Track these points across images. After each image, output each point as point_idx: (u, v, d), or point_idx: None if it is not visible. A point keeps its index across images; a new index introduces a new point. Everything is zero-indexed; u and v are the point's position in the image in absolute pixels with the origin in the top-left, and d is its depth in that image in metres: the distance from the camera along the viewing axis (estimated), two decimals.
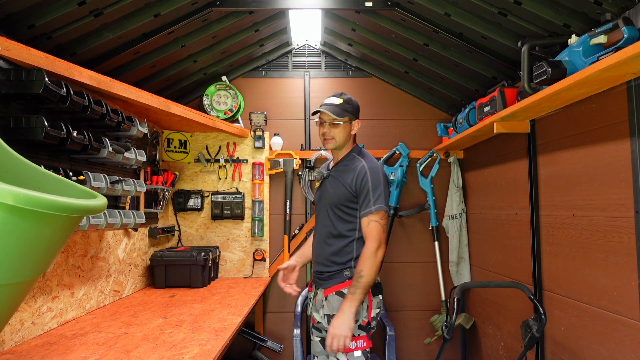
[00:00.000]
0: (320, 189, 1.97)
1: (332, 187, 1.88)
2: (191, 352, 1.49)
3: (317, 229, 1.96)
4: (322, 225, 1.92)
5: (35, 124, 1.52)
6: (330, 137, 1.90)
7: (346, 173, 1.87)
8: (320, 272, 1.89)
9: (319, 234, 1.93)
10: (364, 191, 1.82)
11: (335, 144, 1.91)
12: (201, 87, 3.27)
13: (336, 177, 1.90)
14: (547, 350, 2.17)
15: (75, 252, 1.94)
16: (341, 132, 1.89)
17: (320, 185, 1.98)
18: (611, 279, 1.69)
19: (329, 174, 1.94)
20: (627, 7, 1.64)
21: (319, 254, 1.91)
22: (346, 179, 1.85)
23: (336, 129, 1.89)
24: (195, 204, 3.10)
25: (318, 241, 1.93)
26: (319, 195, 1.98)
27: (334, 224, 1.86)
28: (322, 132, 1.91)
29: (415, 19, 2.32)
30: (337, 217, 1.86)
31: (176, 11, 2.20)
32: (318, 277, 1.90)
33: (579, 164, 1.89)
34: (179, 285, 2.67)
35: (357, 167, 1.85)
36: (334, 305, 1.80)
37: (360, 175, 1.83)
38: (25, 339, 1.62)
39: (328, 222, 1.88)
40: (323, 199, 1.93)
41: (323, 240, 1.89)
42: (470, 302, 3.20)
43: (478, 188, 3.06)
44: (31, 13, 1.74)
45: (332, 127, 1.88)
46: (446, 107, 3.35)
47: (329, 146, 1.91)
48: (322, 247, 1.89)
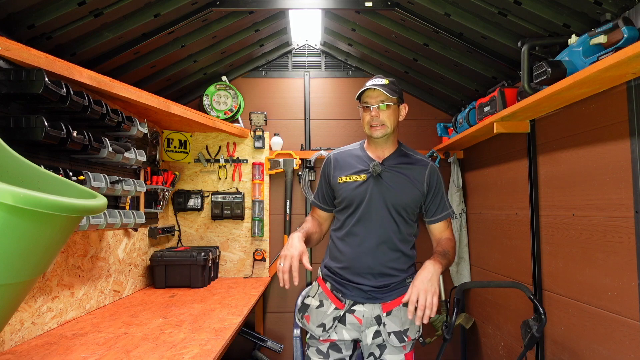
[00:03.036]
0: (371, 185, 1.65)
1: (397, 185, 1.64)
2: (191, 352, 1.49)
3: (365, 232, 1.65)
4: (376, 228, 1.64)
5: (35, 124, 1.52)
6: (380, 123, 1.63)
7: (413, 171, 1.67)
8: (379, 285, 1.62)
9: (370, 239, 1.64)
10: (439, 193, 1.69)
11: (386, 131, 1.64)
12: (201, 87, 3.27)
13: (402, 174, 1.66)
14: (547, 350, 2.17)
15: (75, 252, 1.94)
16: (392, 115, 1.64)
17: (366, 179, 1.66)
18: (611, 279, 1.69)
19: (385, 168, 1.66)
20: (627, 7, 1.64)
21: (374, 262, 1.63)
22: (416, 178, 1.66)
23: (387, 112, 1.63)
24: (195, 204, 3.10)
25: (370, 247, 1.64)
26: (365, 191, 1.65)
27: (399, 227, 1.64)
28: (368, 119, 1.64)
29: (415, 19, 2.32)
30: (403, 219, 1.65)
31: (176, 11, 2.20)
32: (372, 291, 1.63)
33: (579, 164, 1.89)
34: (179, 285, 2.67)
35: (426, 166, 1.69)
36: (404, 319, 1.62)
37: (433, 175, 1.68)
38: (25, 339, 1.62)
39: (390, 225, 1.63)
40: (378, 197, 1.64)
41: (381, 245, 1.63)
42: (470, 302, 3.20)
43: (478, 188, 3.06)
44: (31, 13, 1.74)
45: (382, 110, 1.63)
46: (446, 107, 3.35)
47: (378, 134, 1.64)
48: (382, 254, 1.63)
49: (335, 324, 1.65)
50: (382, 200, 1.63)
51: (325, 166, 1.80)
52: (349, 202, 1.67)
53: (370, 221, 1.64)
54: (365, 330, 1.64)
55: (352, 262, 1.65)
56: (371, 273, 1.63)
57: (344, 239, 1.69)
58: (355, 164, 1.71)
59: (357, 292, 1.64)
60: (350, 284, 1.65)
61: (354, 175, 1.69)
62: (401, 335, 1.62)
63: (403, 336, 1.62)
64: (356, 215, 1.66)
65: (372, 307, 1.64)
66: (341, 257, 1.68)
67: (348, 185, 1.68)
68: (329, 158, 1.80)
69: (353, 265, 1.65)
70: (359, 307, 1.65)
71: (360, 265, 1.64)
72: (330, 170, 1.76)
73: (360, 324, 1.64)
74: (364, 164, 1.69)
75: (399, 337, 1.62)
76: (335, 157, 1.79)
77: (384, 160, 1.69)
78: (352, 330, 1.65)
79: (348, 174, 1.70)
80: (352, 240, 1.67)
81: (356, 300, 1.65)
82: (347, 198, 1.67)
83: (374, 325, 1.64)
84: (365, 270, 1.63)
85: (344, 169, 1.72)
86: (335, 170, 1.74)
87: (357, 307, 1.65)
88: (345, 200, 1.68)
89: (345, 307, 1.65)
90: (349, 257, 1.66)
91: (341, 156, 1.78)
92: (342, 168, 1.73)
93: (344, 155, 1.78)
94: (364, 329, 1.65)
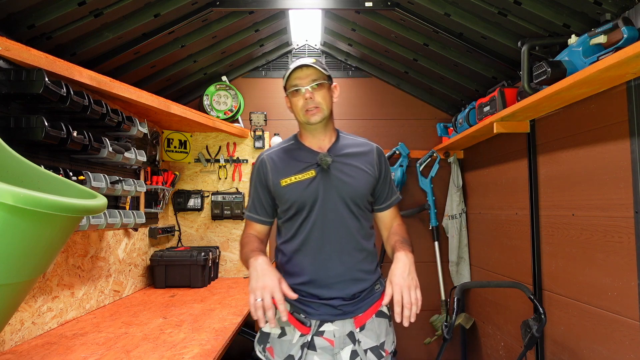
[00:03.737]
0: (322, 180, 1.43)
1: (350, 175, 1.44)
2: (191, 352, 1.49)
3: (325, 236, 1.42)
4: (337, 229, 1.42)
5: (35, 124, 1.52)
6: (315, 106, 1.41)
7: (363, 156, 1.49)
8: (351, 295, 1.41)
9: (333, 242, 1.42)
10: (387, 176, 1.52)
11: (323, 114, 1.43)
12: (201, 87, 3.27)
13: (352, 162, 1.47)
14: (547, 350, 2.17)
15: (75, 252, 1.94)
16: (327, 95, 1.44)
17: (315, 175, 1.43)
18: (611, 279, 1.69)
19: (334, 158, 1.45)
20: (627, 7, 1.64)
21: (342, 268, 1.41)
22: (368, 163, 1.48)
23: (321, 92, 1.42)
24: (195, 204, 3.10)
25: (334, 252, 1.41)
26: (316, 189, 1.42)
27: (360, 221, 1.45)
28: (302, 103, 1.42)
29: (415, 19, 2.32)
30: (362, 212, 1.46)
31: (176, 11, 2.20)
32: (343, 305, 1.41)
33: (579, 164, 1.89)
34: (179, 285, 2.67)
35: (371, 149, 1.52)
36: (379, 332, 1.43)
37: (381, 157, 1.52)
38: (25, 339, 1.62)
39: (351, 222, 1.43)
40: (332, 192, 1.42)
41: (346, 246, 1.43)
42: (470, 302, 3.20)
43: (478, 188, 3.06)
44: (31, 13, 1.74)
45: (315, 90, 1.41)
46: (446, 107, 3.35)
47: (317, 118, 1.42)
48: (349, 257, 1.42)
49: (304, 353, 1.40)
50: (338, 195, 1.42)
51: (259, 170, 1.52)
52: (301, 206, 1.43)
53: (329, 222, 1.42)
54: (340, 352, 1.42)
55: (315, 273, 1.41)
56: (342, 281, 1.41)
57: (300, 249, 1.44)
58: (297, 160, 1.47)
59: (326, 309, 1.41)
60: (315, 302, 1.41)
61: (299, 174, 1.44)
62: (378, 350, 1.43)
63: (380, 351, 1.43)
64: (311, 219, 1.42)
65: (343, 323, 1.42)
66: (300, 272, 1.43)
67: (296, 186, 1.43)
68: (261, 160, 1.53)
69: (317, 277, 1.41)
70: (329, 327, 1.41)
71: (326, 275, 1.41)
72: (267, 174, 1.49)
73: (332, 346, 1.41)
74: (309, 158, 1.46)
75: (376, 353, 1.42)
76: (269, 157, 1.52)
77: (329, 150, 1.48)
78: (325, 354, 1.41)
79: (292, 173, 1.45)
80: (311, 249, 1.42)
81: (324, 319, 1.41)
82: (298, 202, 1.43)
83: (349, 344, 1.42)
84: (333, 279, 1.41)
85: (285, 170, 1.46)
86: (274, 172, 1.48)
87: (326, 327, 1.41)
88: (296, 204, 1.43)
89: (313, 330, 1.41)
90: (310, 269, 1.42)
91: (277, 155, 1.52)
92: (282, 169, 1.47)
93: (280, 154, 1.52)
94: (337, 350, 1.42)
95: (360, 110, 3.40)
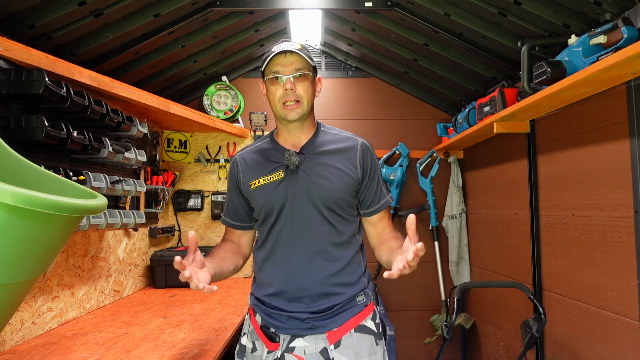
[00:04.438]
0: (290, 182, 1.29)
1: (323, 175, 1.28)
2: (191, 352, 1.49)
3: (292, 245, 1.29)
4: (306, 236, 1.28)
5: (35, 124, 1.52)
6: (296, 99, 1.26)
7: (341, 153, 1.32)
8: (319, 310, 1.26)
9: (300, 252, 1.28)
10: (375, 176, 1.35)
11: (303, 111, 1.28)
12: (201, 87, 3.27)
13: (327, 160, 1.31)
14: (547, 350, 2.17)
15: (75, 252, 1.95)
16: (309, 89, 1.29)
17: (283, 176, 1.30)
18: (611, 279, 1.69)
19: (305, 157, 1.30)
20: (626, 7, 1.64)
21: (309, 281, 1.27)
22: (347, 160, 1.31)
23: (304, 85, 1.27)
24: (195, 204, 3.10)
25: (301, 263, 1.27)
26: (285, 192, 1.29)
27: (336, 227, 1.29)
28: (280, 94, 1.26)
29: (415, 19, 2.32)
30: (339, 217, 1.30)
31: (176, 11, 2.20)
32: (311, 319, 1.26)
33: (579, 164, 1.89)
34: (179, 285, 2.67)
35: (354, 145, 1.34)
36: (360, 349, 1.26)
37: (366, 154, 1.34)
38: (25, 339, 1.62)
39: (323, 228, 1.28)
40: (301, 195, 1.28)
41: (315, 257, 1.27)
42: (470, 302, 3.20)
43: (478, 188, 3.06)
44: (31, 13, 1.74)
45: (298, 81, 1.26)
46: (446, 107, 3.35)
47: (295, 115, 1.27)
48: (317, 269, 1.27)
49: None
50: (308, 198, 1.27)
51: (231, 171, 1.41)
52: (269, 211, 1.30)
53: (297, 228, 1.28)
54: None
55: (282, 285, 1.29)
56: (308, 296, 1.26)
57: (268, 258, 1.33)
58: (267, 161, 1.34)
59: (293, 322, 1.27)
60: (283, 314, 1.28)
61: (268, 175, 1.31)
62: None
63: None
64: (278, 225, 1.30)
65: (315, 339, 1.26)
66: (269, 282, 1.32)
67: (263, 189, 1.31)
68: (234, 161, 1.42)
69: (284, 289, 1.28)
70: (299, 342, 1.26)
71: (293, 288, 1.27)
72: (239, 175, 1.37)
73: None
74: (278, 158, 1.32)
75: None
76: (241, 157, 1.40)
77: (302, 148, 1.33)
78: None
79: (262, 175, 1.32)
80: (278, 258, 1.30)
81: (294, 333, 1.27)
82: (265, 206, 1.30)
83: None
84: (299, 292, 1.27)
85: (255, 171, 1.34)
86: (244, 174, 1.36)
87: (296, 343, 1.27)
88: (264, 208, 1.31)
89: (282, 346, 1.27)
90: (277, 280, 1.29)
91: (249, 155, 1.39)
92: (252, 170, 1.35)
93: (252, 154, 1.39)
94: None
95: (360, 110, 3.40)
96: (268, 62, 1.27)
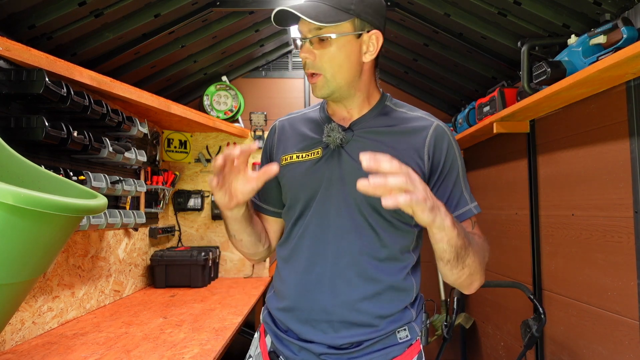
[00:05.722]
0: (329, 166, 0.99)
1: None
2: (191, 352, 1.50)
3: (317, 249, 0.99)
4: (337, 241, 0.97)
5: (35, 124, 1.52)
6: (313, 72, 0.97)
7: (404, 136, 0.99)
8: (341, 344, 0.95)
9: (326, 260, 0.98)
10: (452, 174, 0.98)
11: (329, 88, 0.98)
12: (201, 87, 3.27)
13: (382, 143, 0.98)
14: (547, 350, 2.17)
15: (75, 252, 1.95)
16: (338, 56, 0.95)
17: (320, 156, 1.00)
18: (611, 278, 1.69)
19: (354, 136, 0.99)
20: (626, 8, 1.64)
21: (332, 302, 0.96)
22: (410, 147, 0.97)
23: (327, 51, 0.95)
24: (195, 204, 3.10)
25: (325, 274, 0.97)
26: (320, 177, 0.99)
27: (380, 236, 0.97)
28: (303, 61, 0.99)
29: (415, 19, 2.32)
30: (387, 223, 0.97)
31: (176, 11, 2.20)
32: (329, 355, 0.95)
33: (579, 164, 1.89)
34: (179, 285, 2.67)
35: (427, 127, 0.99)
36: None
37: (441, 141, 0.98)
38: (25, 339, 1.62)
39: (362, 233, 0.97)
40: (340, 186, 0.98)
41: (347, 270, 0.96)
42: (470, 302, 3.20)
43: (478, 188, 3.06)
44: (32, 13, 1.75)
45: (318, 46, 0.95)
46: (446, 107, 3.35)
47: (318, 92, 0.99)
48: (347, 286, 0.96)
49: None
50: (347, 190, 0.96)
51: (267, 141, 1.15)
52: (294, 199, 1.03)
53: (327, 228, 0.98)
54: None
55: (297, 299, 0.99)
56: (328, 321, 0.96)
57: (288, 259, 1.04)
58: (308, 132, 1.06)
59: (306, 355, 0.97)
60: (295, 343, 0.98)
61: (302, 151, 1.02)
62: None
63: None
64: (305, 219, 1.01)
65: None
66: (284, 291, 1.03)
67: (294, 168, 1.03)
68: (272, 127, 1.16)
69: (298, 305, 0.99)
70: None
71: (310, 306, 0.97)
72: (274, 145, 1.11)
73: None
74: (321, 131, 1.02)
75: None
76: (281, 123, 1.14)
77: (353, 124, 1.02)
78: None
79: (296, 150, 1.04)
80: (298, 262, 1.01)
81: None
82: (292, 191, 1.03)
83: None
84: (317, 315, 0.97)
85: (291, 142, 1.07)
86: (279, 144, 1.10)
87: None
88: (289, 194, 1.04)
89: None
90: (293, 291, 1.00)
91: (291, 122, 1.12)
92: (289, 141, 1.08)
93: (295, 121, 1.12)
94: None
95: None
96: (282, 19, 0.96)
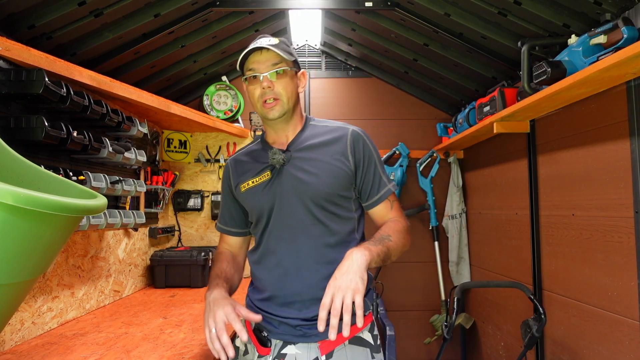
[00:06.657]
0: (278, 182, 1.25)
1: (311, 171, 1.22)
2: (191, 352, 1.49)
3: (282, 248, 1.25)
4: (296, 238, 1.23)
5: (35, 124, 1.52)
6: (274, 97, 1.22)
7: (329, 146, 1.26)
8: (313, 317, 1.18)
9: (290, 256, 1.23)
10: (371, 165, 1.27)
11: (283, 108, 1.24)
12: (201, 87, 3.27)
13: (314, 155, 1.25)
14: (547, 350, 2.17)
15: (75, 252, 1.95)
16: (289, 85, 1.24)
17: (270, 177, 1.26)
18: (611, 279, 1.69)
19: (292, 155, 1.25)
20: (626, 7, 1.64)
21: (301, 286, 1.21)
22: (336, 152, 1.25)
23: (282, 82, 1.22)
24: (195, 204, 3.10)
25: (292, 267, 1.23)
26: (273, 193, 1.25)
27: (328, 227, 1.22)
28: (259, 93, 1.23)
29: (415, 19, 2.32)
30: (332, 215, 1.23)
31: (176, 11, 2.20)
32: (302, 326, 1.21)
33: (579, 164, 1.89)
34: (179, 285, 2.67)
35: (344, 135, 1.28)
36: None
37: (357, 142, 1.27)
38: (25, 339, 1.62)
39: (314, 228, 1.22)
40: (290, 194, 1.23)
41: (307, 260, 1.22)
42: (470, 302, 3.20)
43: (478, 188, 3.06)
44: (31, 13, 1.75)
45: (275, 78, 1.22)
46: (446, 107, 3.35)
47: (275, 113, 1.23)
48: (309, 273, 1.21)
49: None
50: (296, 197, 1.22)
51: (224, 176, 1.40)
52: (259, 214, 1.28)
53: (287, 230, 1.23)
54: None
55: (274, 290, 1.24)
56: (300, 301, 1.20)
57: (259, 262, 1.30)
58: (255, 162, 1.31)
59: (285, 328, 1.22)
60: (276, 318, 1.23)
61: (255, 177, 1.28)
62: None
63: None
64: (268, 228, 1.27)
65: (307, 347, 1.20)
66: (262, 287, 1.29)
67: (253, 192, 1.28)
68: (226, 164, 1.41)
69: (276, 294, 1.24)
70: (290, 349, 1.21)
71: (284, 293, 1.22)
72: (230, 178, 1.37)
73: None
74: (266, 158, 1.27)
75: None
76: (232, 160, 1.39)
77: (289, 145, 1.29)
78: None
79: (250, 177, 1.29)
80: (269, 262, 1.26)
81: (286, 339, 1.22)
82: (256, 209, 1.28)
83: None
84: (291, 297, 1.21)
85: (245, 173, 1.32)
86: (235, 177, 1.35)
87: (288, 350, 1.21)
88: (255, 212, 1.29)
89: (273, 352, 1.22)
90: (269, 284, 1.25)
91: (240, 157, 1.38)
92: (243, 172, 1.33)
93: (243, 155, 1.38)
94: None
95: (360, 110, 3.40)
96: (244, 60, 1.24)
